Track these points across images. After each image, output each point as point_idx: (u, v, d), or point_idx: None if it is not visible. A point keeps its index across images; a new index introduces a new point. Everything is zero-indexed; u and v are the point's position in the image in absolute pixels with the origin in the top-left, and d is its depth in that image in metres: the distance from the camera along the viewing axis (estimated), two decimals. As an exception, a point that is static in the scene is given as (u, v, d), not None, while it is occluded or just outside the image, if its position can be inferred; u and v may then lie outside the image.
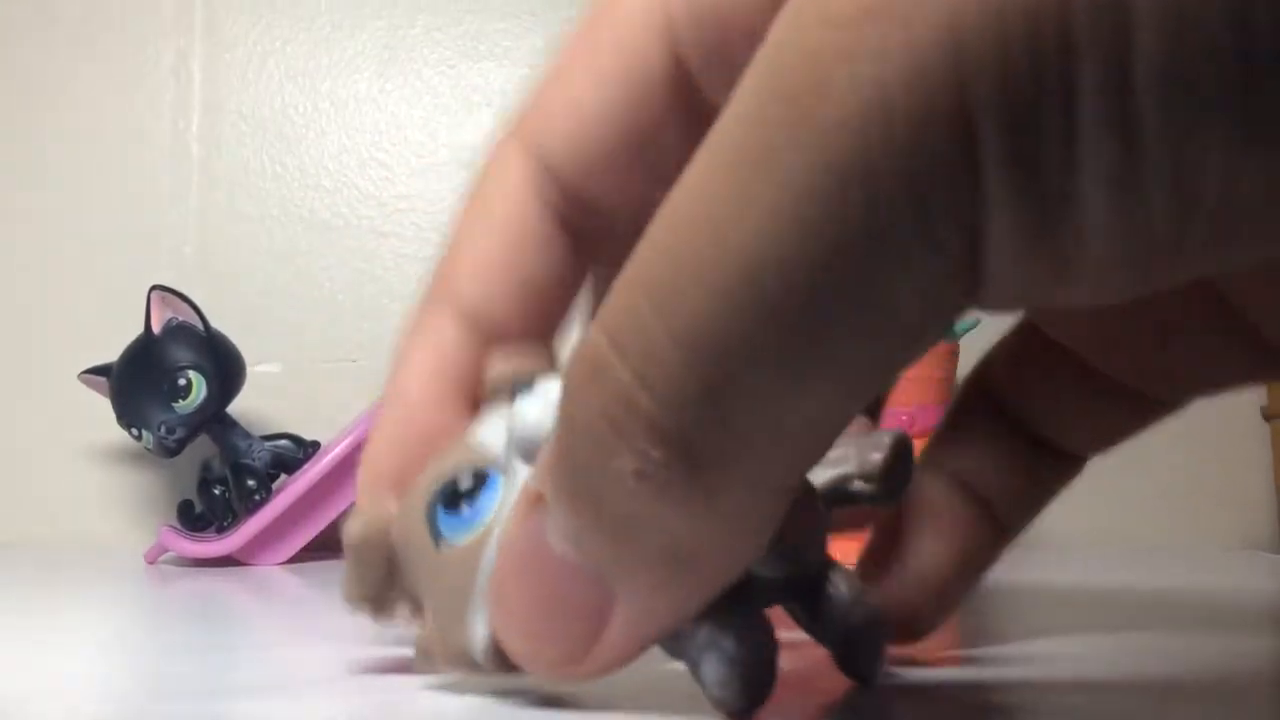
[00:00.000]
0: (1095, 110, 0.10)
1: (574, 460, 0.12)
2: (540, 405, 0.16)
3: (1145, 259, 0.11)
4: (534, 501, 0.14)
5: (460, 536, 0.16)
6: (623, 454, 0.12)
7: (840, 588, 0.17)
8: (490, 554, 0.15)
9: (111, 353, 0.45)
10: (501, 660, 0.15)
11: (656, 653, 0.15)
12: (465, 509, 0.16)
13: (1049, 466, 0.19)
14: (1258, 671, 0.21)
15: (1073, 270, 0.11)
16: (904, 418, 0.43)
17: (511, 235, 0.18)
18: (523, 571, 0.14)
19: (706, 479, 0.12)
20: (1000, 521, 0.19)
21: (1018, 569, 0.43)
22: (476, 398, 0.17)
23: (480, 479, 0.16)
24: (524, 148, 0.18)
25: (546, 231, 0.18)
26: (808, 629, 0.17)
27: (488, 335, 0.18)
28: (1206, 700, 0.18)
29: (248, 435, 0.46)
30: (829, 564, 0.17)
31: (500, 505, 0.15)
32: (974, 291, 0.11)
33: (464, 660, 0.16)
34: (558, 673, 0.14)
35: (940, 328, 0.11)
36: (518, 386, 0.16)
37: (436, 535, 0.16)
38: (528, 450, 0.15)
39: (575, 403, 0.12)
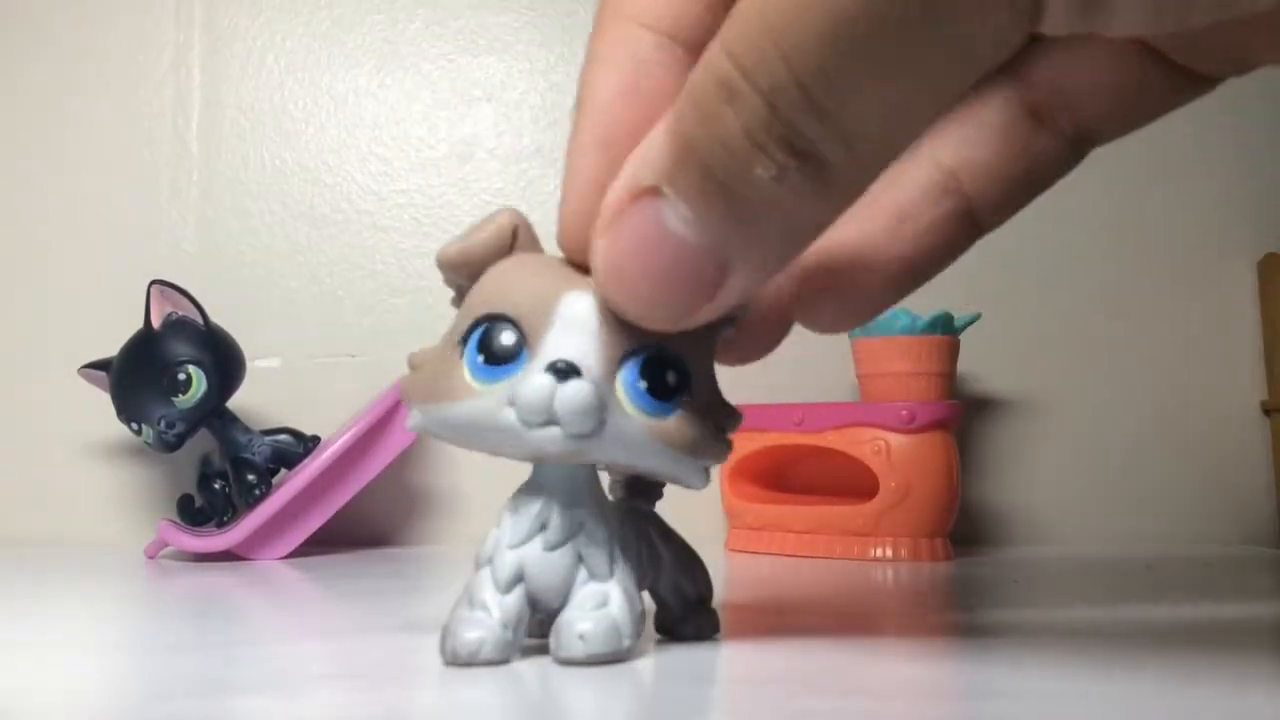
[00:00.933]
0: None
1: (710, 165, 0.16)
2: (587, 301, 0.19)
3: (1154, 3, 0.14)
4: (640, 194, 0.17)
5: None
6: (761, 162, 0.15)
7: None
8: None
9: (111, 347, 0.45)
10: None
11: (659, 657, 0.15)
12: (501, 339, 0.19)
13: (1057, 144, 0.20)
14: (1256, 664, 0.21)
15: (1108, 8, 0.14)
16: (904, 413, 0.43)
17: None
18: (641, 250, 0.17)
19: (829, 174, 0.15)
20: (977, 221, 0.20)
21: (1017, 568, 0.43)
22: (664, 93, 0.19)
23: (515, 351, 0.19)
24: None
25: None
26: None
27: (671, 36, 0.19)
28: (1206, 696, 0.18)
29: (248, 430, 0.46)
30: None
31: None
32: (1034, 25, 0.14)
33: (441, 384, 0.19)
34: (669, 324, 0.18)
35: (1005, 55, 0.15)
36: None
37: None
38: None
39: (713, 119, 0.15)
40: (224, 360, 0.45)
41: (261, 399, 0.52)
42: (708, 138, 0.15)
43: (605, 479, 0.22)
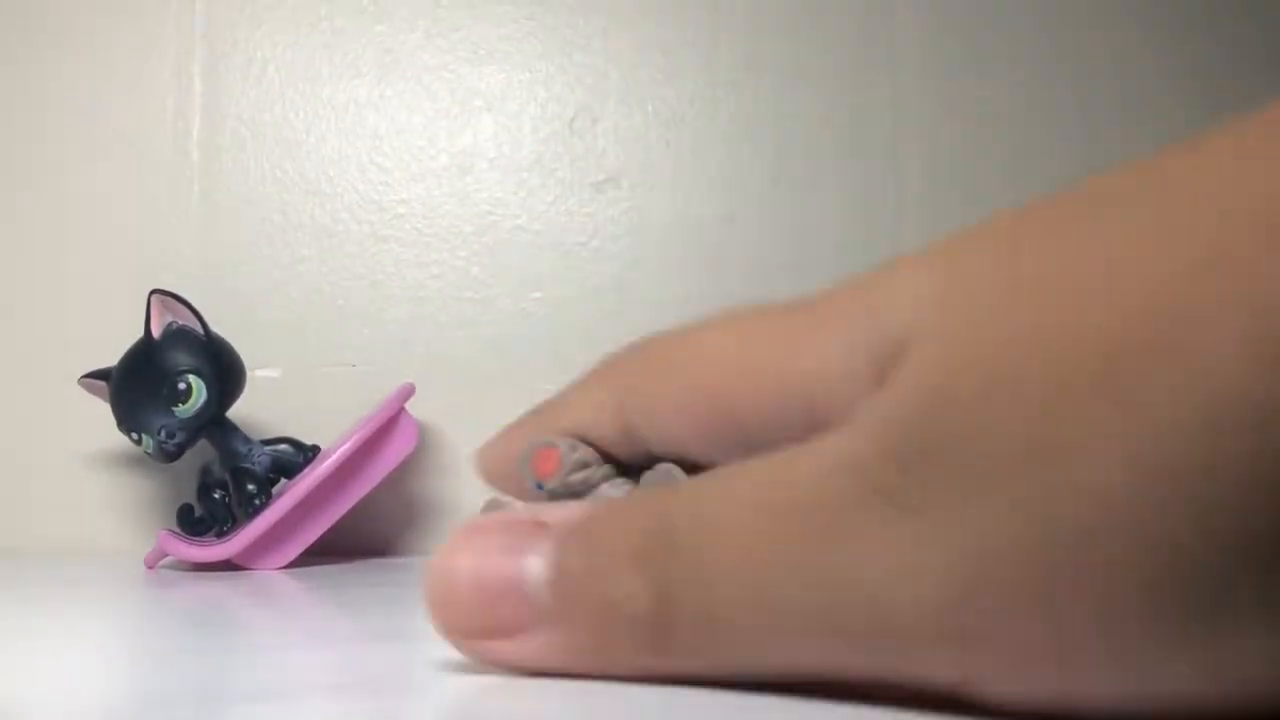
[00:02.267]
0: None
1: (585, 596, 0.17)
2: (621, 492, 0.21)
3: None
4: (531, 532, 0.18)
5: None
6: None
7: None
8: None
9: (111, 357, 0.45)
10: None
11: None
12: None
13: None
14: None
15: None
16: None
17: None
18: (489, 566, 0.18)
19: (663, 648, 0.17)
20: None
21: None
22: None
23: None
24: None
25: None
26: None
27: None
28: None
29: (247, 440, 0.46)
30: None
31: None
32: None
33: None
34: (453, 635, 0.18)
35: None
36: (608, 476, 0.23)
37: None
38: None
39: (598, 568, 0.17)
40: (224, 370, 0.45)
41: (261, 408, 0.52)
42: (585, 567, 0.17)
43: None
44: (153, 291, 0.44)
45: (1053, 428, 0.13)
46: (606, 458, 0.27)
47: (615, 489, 0.27)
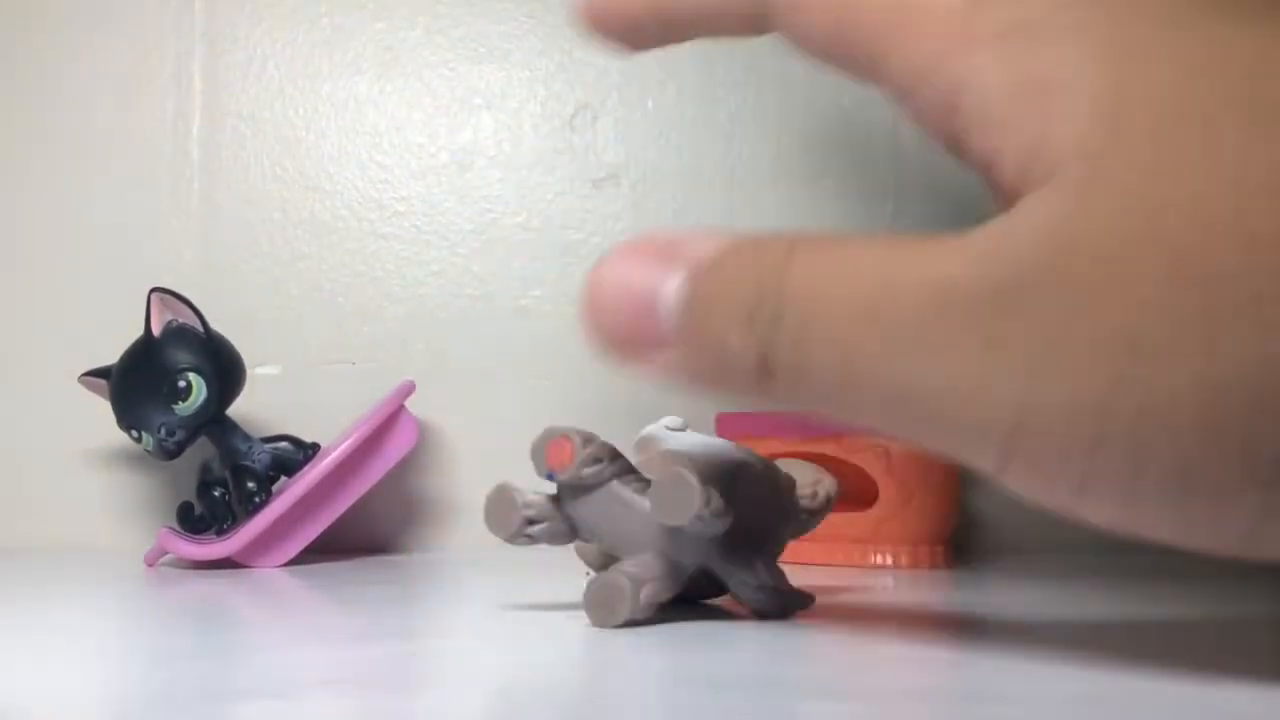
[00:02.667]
0: None
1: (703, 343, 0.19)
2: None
3: None
4: (666, 254, 0.20)
5: None
6: (738, 340, 0.19)
7: (743, 583, 0.27)
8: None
9: (112, 355, 0.45)
10: None
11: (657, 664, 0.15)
12: None
13: None
14: (1260, 670, 0.21)
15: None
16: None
17: None
18: (628, 297, 0.20)
19: (772, 383, 0.19)
20: None
21: (1017, 576, 0.43)
22: None
23: None
24: None
25: None
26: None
27: None
28: (1207, 701, 0.18)
29: (248, 437, 0.46)
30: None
31: None
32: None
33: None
34: (608, 350, 0.21)
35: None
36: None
37: None
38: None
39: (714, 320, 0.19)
40: (224, 368, 0.45)
41: (261, 406, 0.52)
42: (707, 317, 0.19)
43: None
44: (153, 289, 0.44)
45: (1153, 321, 0.15)
46: (616, 454, 0.27)
47: (626, 485, 0.27)
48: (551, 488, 0.28)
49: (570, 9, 0.56)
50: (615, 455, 0.27)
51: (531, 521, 0.27)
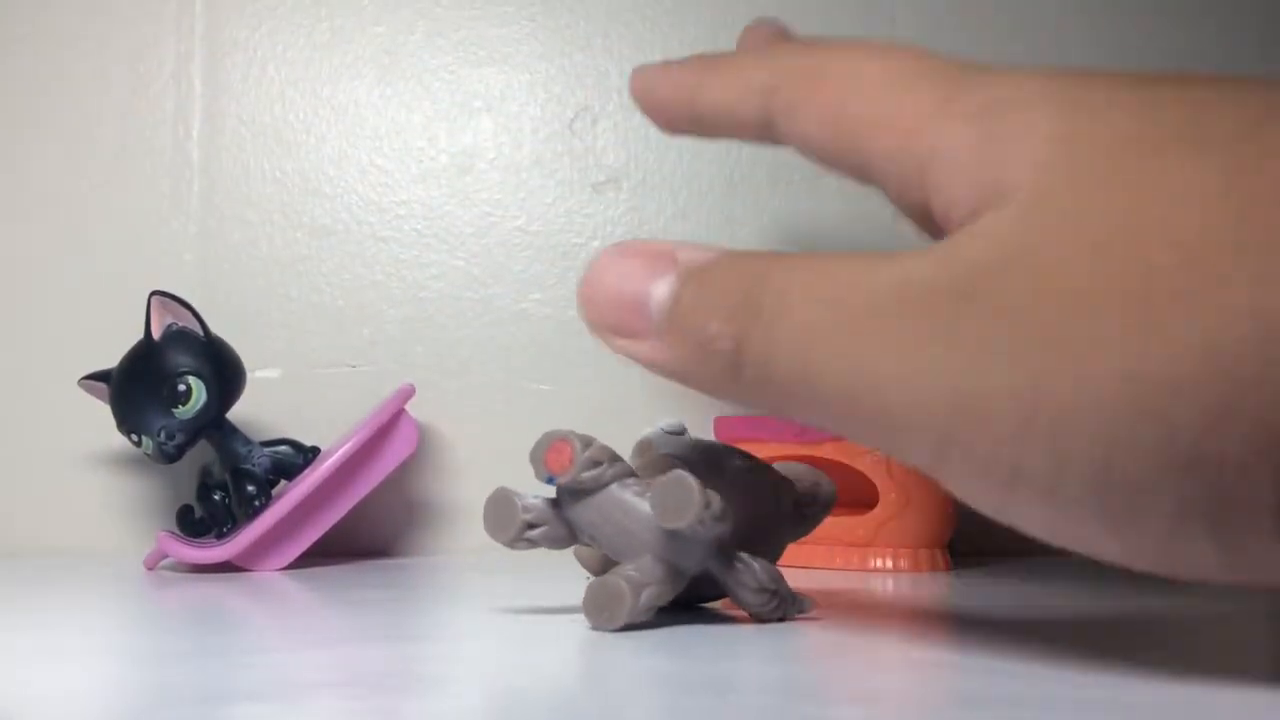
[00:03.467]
0: None
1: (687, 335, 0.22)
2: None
3: None
4: (661, 258, 0.22)
5: None
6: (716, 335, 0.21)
7: (743, 586, 0.27)
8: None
9: (111, 358, 0.45)
10: None
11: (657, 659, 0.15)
12: None
13: None
14: (1260, 670, 0.21)
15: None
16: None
17: None
18: (623, 285, 0.23)
19: (739, 376, 0.21)
20: None
21: (1017, 579, 0.44)
22: None
23: None
24: None
25: None
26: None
27: None
28: (1209, 704, 0.18)
29: (247, 441, 0.46)
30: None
31: None
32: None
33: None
34: (598, 331, 0.23)
35: None
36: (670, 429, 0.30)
37: None
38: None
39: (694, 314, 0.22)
40: (224, 371, 0.45)
41: (261, 410, 0.52)
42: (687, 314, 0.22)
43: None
44: (152, 293, 0.44)
45: (1083, 316, 0.16)
46: (616, 458, 0.27)
47: (626, 489, 0.27)
48: (551, 491, 0.28)
49: (576, 14, 0.56)
50: (615, 459, 0.27)
51: (531, 525, 0.27)
